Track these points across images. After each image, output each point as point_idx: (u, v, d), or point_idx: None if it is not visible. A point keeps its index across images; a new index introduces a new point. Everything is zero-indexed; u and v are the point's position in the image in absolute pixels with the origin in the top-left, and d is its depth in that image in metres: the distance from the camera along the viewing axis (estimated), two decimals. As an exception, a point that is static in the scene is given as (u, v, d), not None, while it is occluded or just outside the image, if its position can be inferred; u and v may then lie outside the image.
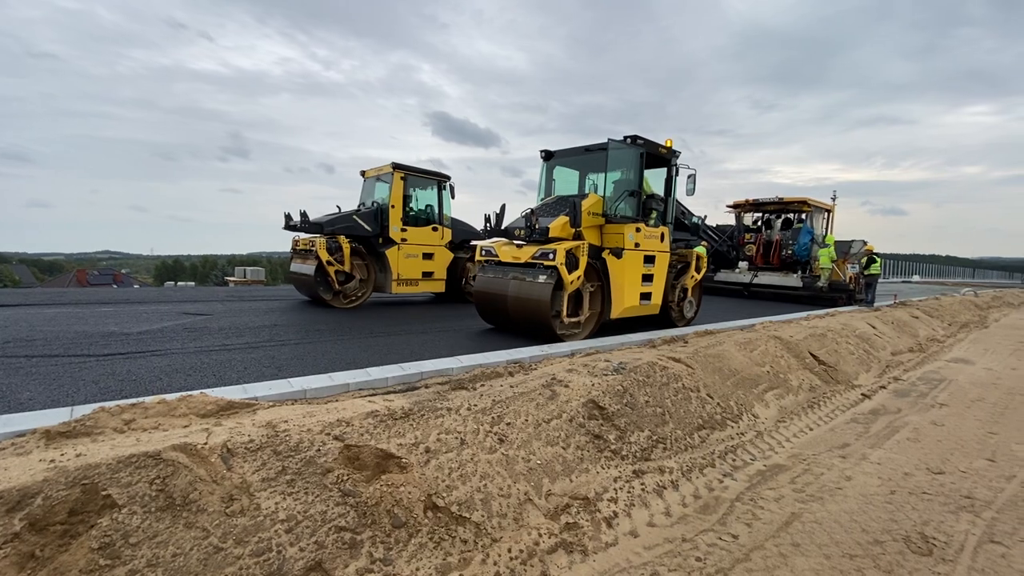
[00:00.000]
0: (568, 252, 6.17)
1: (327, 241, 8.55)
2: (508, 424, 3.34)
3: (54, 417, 2.89)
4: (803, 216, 15.97)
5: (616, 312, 7.00)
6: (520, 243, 6.84)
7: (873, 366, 7.93)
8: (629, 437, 3.79)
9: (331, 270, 8.60)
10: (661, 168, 7.78)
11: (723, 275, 16.02)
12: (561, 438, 3.48)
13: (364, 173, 10.41)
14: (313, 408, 3.08)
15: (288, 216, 8.93)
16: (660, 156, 7.45)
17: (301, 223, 8.72)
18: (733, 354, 5.88)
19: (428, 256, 9.96)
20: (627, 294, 7.03)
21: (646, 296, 7.42)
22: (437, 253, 10.09)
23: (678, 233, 8.41)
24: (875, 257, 14.20)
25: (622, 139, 7.09)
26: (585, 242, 6.49)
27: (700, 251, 8.58)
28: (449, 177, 10.26)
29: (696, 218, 9.92)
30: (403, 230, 9.51)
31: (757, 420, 4.96)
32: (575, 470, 3.32)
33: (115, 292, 10.91)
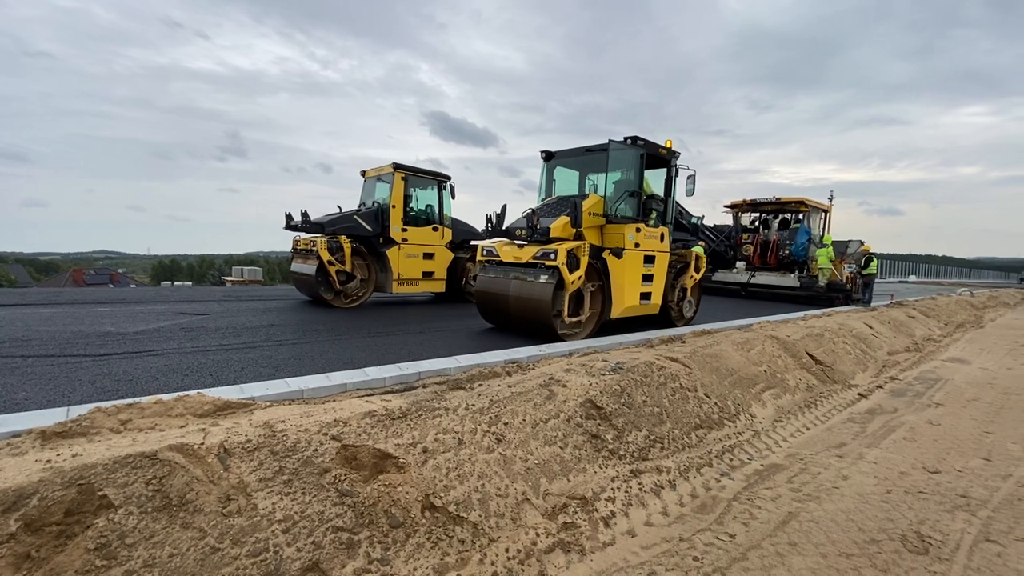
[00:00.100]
0: (569, 252, 6.19)
1: (328, 241, 8.55)
2: (506, 424, 3.34)
3: (50, 417, 2.88)
4: (800, 216, 16.02)
5: (616, 312, 7.02)
6: (521, 243, 6.86)
7: (870, 366, 7.96)
8: (627, 437, 3.80)
9: (332, 270, 8.61)
10: (661, 169, 7.81)
11: (721, 275, 16.06)
12: (559, 438, 3.49)
13: (364, 173, 10.40)
14: (310, 408, 3.08)
15: (289, 216, 8.93)
16: (660, 157, 7.48)
17: (302, 223, 8.72)
18: (730, 354, 5.89)
19: (428, 256, 9.97)
20: (627, 294, 7.05)
21: (646, 296, 7.45)
22: (437, 253, 10.11)
23: (677, 233, 8.43)
24: (872, 257, 14.24)
25: (622, 140, 7.11)
26: (586, 242, 6.51)
27: (698, 251, 8.61)
28: (449, 177, 10.27)
29: (695, 218, 9.94)
30: (404, 230, 9.51)
31: (754, 420, 4.97)
32: (573, 470, 3.33)
33: (111, 292, 10.87)
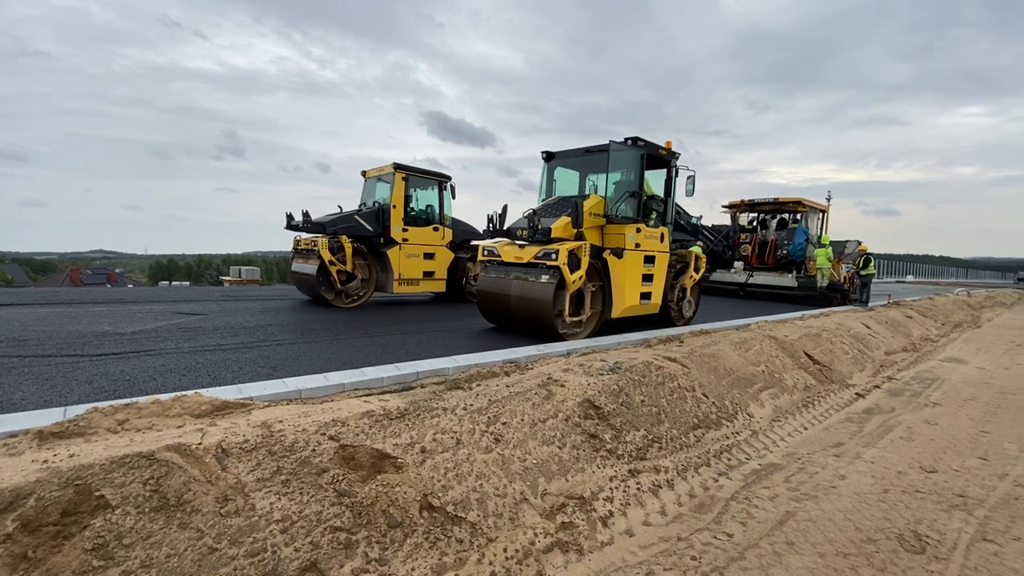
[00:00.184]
0: (570, 252, 6.22)
1: (329, 241, 8.55)
2: (504, 424, 3.34)
3: (47, 417, 2.87)
4: (798, 216, 16.06)
5: (617, 311, 7.05)
6: (522, 243, 6.89)
7: (867, 366, 7.98)
8: (625, 436, 3.80)
9: (333, 270, 8.61)
10: (661, 169, 7.84)
11: (719, 275, 16.08)
12: (557, 438, 3.49)
13: (365, 173, 10.41)
14: (308, 408, 3.07)
15: (290, 216, 8.94)
16: (660, 157, 7.51)
17: (303, 223, 8.73)
18: (728, 354, 5.90)
19: (429, 256, 9.98)
20: (628, 294, 7.08)
21: (646, 296, 7.48)
22: (438, 253, 10.12)
23: (675, 234, 8.46)
24: (870, 258, 14.29)
25: (623, 141, 7.14)
26: (587, 242, 6.53)
27: (696, 251, 8.63)
28: (450, 177, 10.29)
29: (694, 219, 9.96)
30: (404, 230, 9.52)
31: (752, 419, 4.98)
32: (571, 470, 3.33)
33: (109, 292, 10.84)
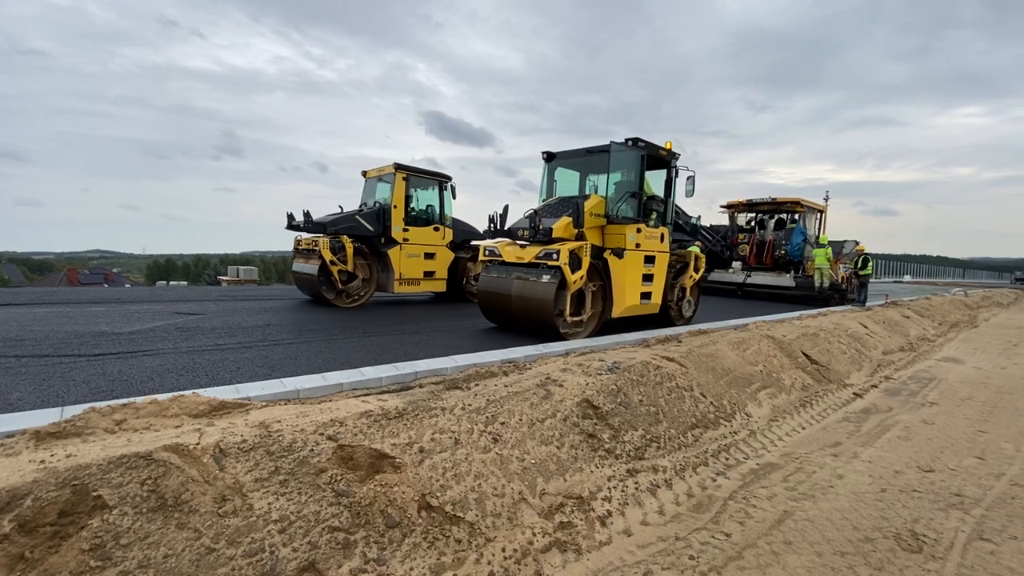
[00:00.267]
0: (571, 252, 6.24)
1: (330, 241, 8.56)
2: (502, 424, 3.34)
3: (44, 418, 2.86)
4: (796, 216, 16.09)
5: (617, 311, 7.08)
6: (524, 243, 6.92)
7: (865, 365, 8.00)
8: (623, 436, 3.80)
9: (334, 270, 8.62)
10: (661, 170, 7.87)
11: (717, 275, 16.11)
12: (555, 437, 3.49)
13: (366, 173, 10.42)
14: (306, 408, 3.07)
15: (291, 216, 8.95)
16: (660, 158, 7.55)
17: (304, 223, 8.74)
18: (726, 353, 5.91)
19: (430, 256, 10.00)
20: (628, 293, 7.11)
21: (646, 295, 7.51)
22: (438, 253, 10.14)
23: (675, 234, 8.50)
24: (868, 258, 14.34)
25: (624, 141, 7.17)
26: (588, 242, 6.56)
27: (695, 251, 8.66)
28: (450, 177, 10.31)
29: (693, 219, 9.99)
30: (405, 230, 9.54)
31: (750, 419, 4.99)
32: (569, 469, 3.33)
33: (106, 291, 10.81)
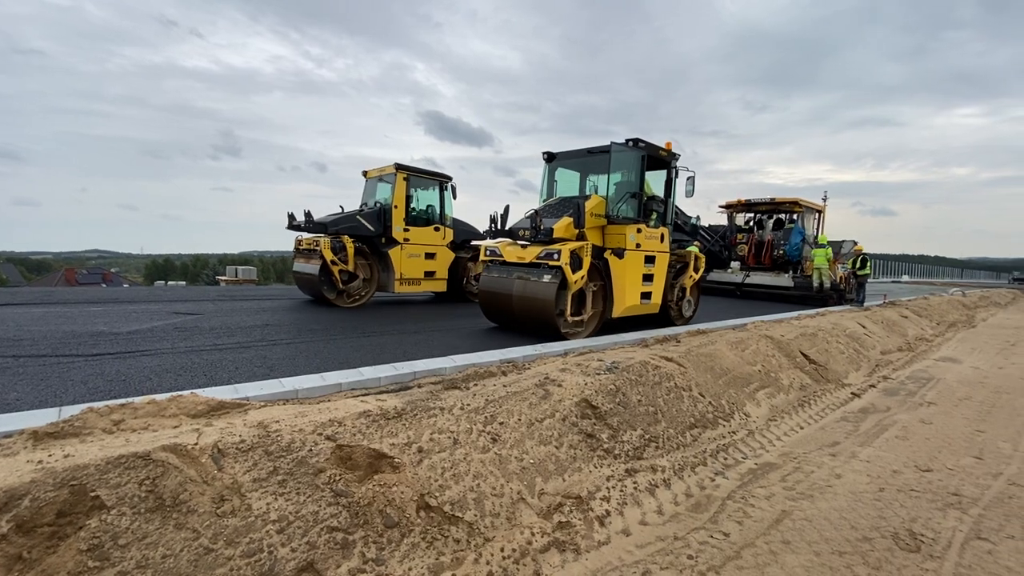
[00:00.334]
0: (572, 252, 6.26)
1: (331, 241, 8.56)
2: (501, 423, 3.34)
3: (42, 418, 2.86)
4: (794, 216, 16.12)
5: (618, 311, 7.10)
6: (524, 243, 6.94)
7: (863, 365, 8.01)
8: (621, 436, 3.81)
9: (335, 269, 8.62)
10: (661, 170, 7.90)
11: (715, 275, 16.13)
12: (554, 437, 3.49)
13: (366, 173, 10.43)
14: (305, 408, 3.07)
15: (291, 216, 8.96)
16: (660, 158, 7.58)
17: (305, 223, 8.75)
18: (725, 353, 5.92)
19: (430, 256, 10.01)
20: (628, 293, 7.14)
21: (646, 295, 7.54)
22: (439, 253, 10.15)
23: (674, 234, 8.53)
24: (866, 258, 14.37)
25: (624, 142, 7.19)
26: (589, 243, 6.58)
27: (694, 251, 8.69)
28: (451, 178, 10.33)
29: (692, 219, 10.02)
30: (406, 230, 9.55)
31: (748, 419, 5.00)
32: (568, 469, 3.33)
33: (104, 291, 10.79)
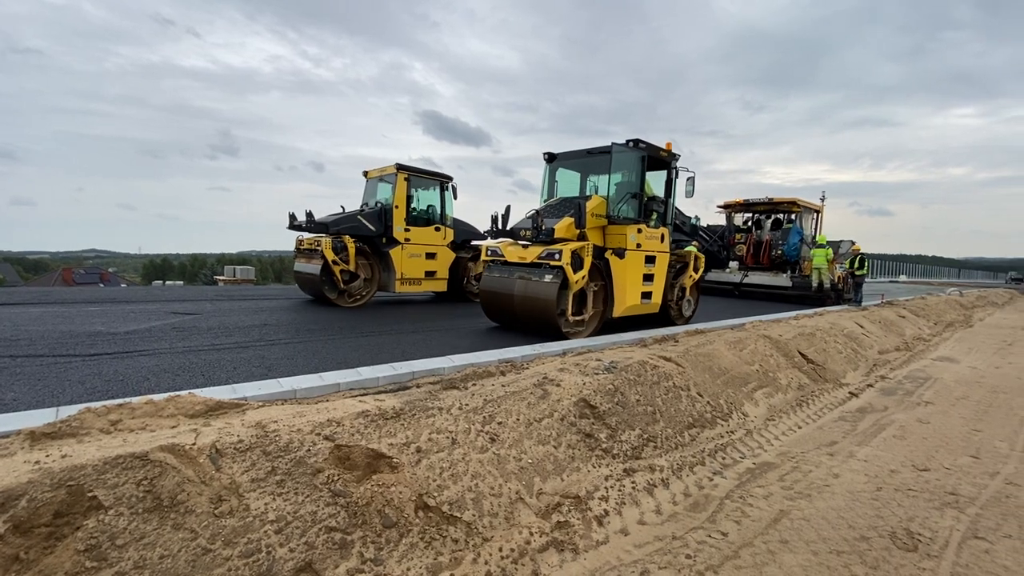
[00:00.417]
0: (573, 252, 6.29)
1: (332, 241, 8.57)
2: (499, 423, 3.34)
3: (39, 418, 2.85)
4: (793, 216, 16.15)
5: (618, 311, 7.13)
6: (526, 243, 6.96)
7: (860, 365, 8.03)
8: (620, 436, 3.81)
9: (336, 269, 8.63)
10: (661, 171, 7.93)
11: (714, 275, 16.16)
12: (552, 437, 3.49)
13: (367, 173, 10.44)
14: (303, 408, 3.07)
15: (292, 216, 8.99)
16: (660, 159, 7.61)
17: (307, 223, 8.77)
18: (723, 353, 5.93)
19: (431, 256, 10.03)
20: (629, 293, 7.17)
21: (647, 295, 7.57)
22: (440, 253, 10.16)
23: (674, 234, 8.56)
24: (864, 257, 14.41)
25: (625, 143, 7.22)
26: (590, 243, 6.61)
27: (693, 251, 8.73)
28: (451, 178, 10.34)
29: (692, 219, 10.06)
30: (406, 230, 9.56)
31: (747, 418, 5.00)
32: (566, 469, 3.33)
33: (102, 291, 10.76)
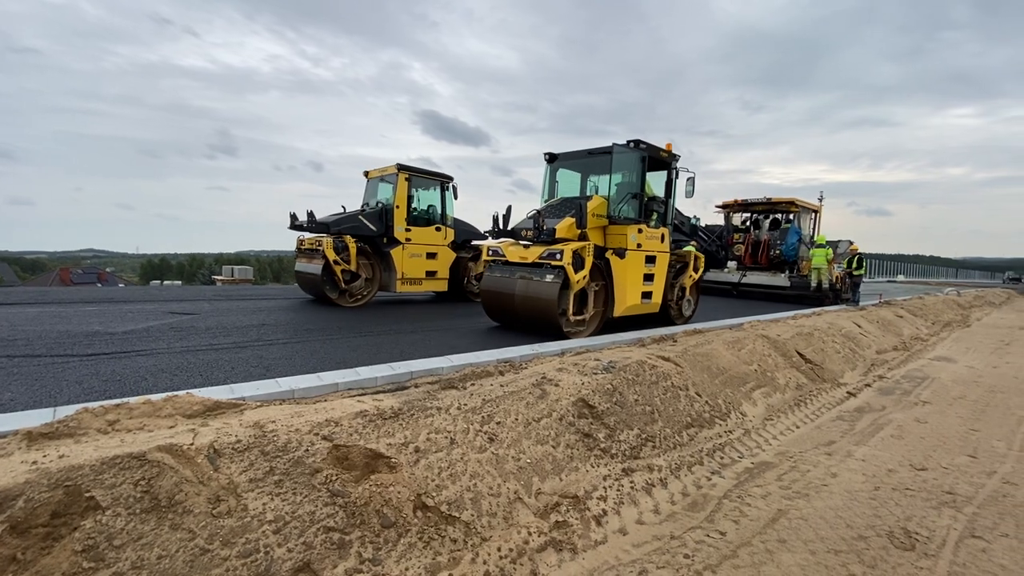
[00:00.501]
0: (575, 252, 6.31)
1: (334, 241, 8.57)
2: (498, 423, 3.34)
3: (36, 418, 2.84)
4: (791, 216, 16.18)
5: (619, 310, 7.15)
6: (527, 243, 6.98)
7: (858, 364, 8.05)
8: (618, 435, 3.81)
9: (338, 269, 8.64)
10: (661, 171, 7.96)
11: (712, 275, 16.18)
12: (551, 437, 3.49)
13: (368, 174, 10.44)
14: (301, 408, 3.06)
15: (294, 216, 9.00)
16: (661, 159, 7.64)
17: (308, 223, 8.77)
18: (721, 353, 5.93)
19: (431, 256, 10.04)
20: (629, 293, 7.20)
21: (647, 295, 7.60)
22: (440, 253, 10.18)
23: (673, 234, 8.58)
24: (862, 257, 14.45)
25: (625, 143, 7.25)
26: (591, 243, 6.63)
27: (693, 250, 8.76)
28: (452, 178, 10.35)
29: (692, 220, 10.10)
30: (407, 230, 9.57)
31: (745, 418, 5.01)
32: (565, 469, 3.34)
33: (99, 291, 10.74)
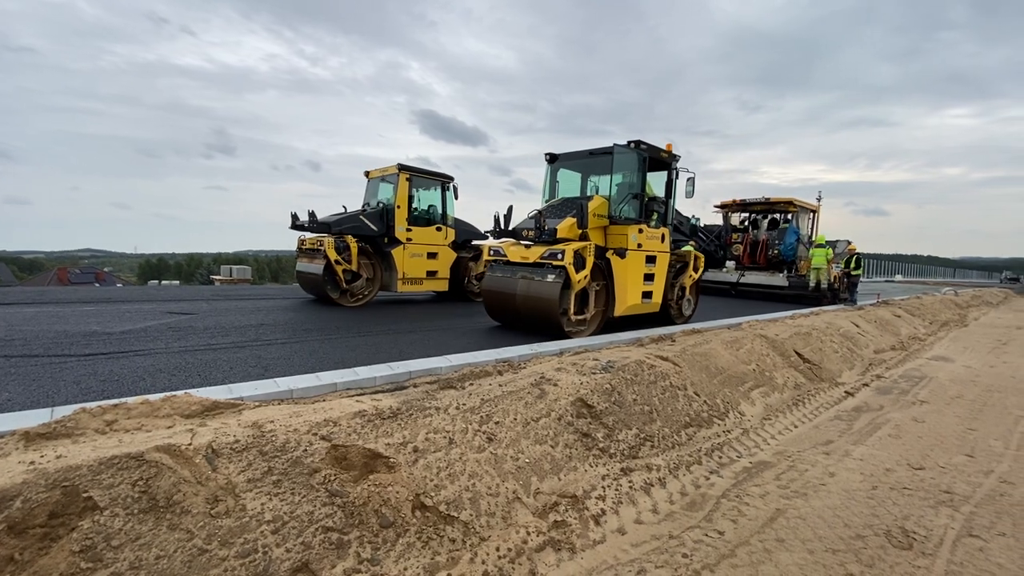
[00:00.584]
0: (576, 252, 6.33)
1: (335, 241, 8.57)
2: (497, 423, 3.34)
3: (34, 418, 2.84)
4: (789, 216, 16.20)
5: (620, 310, 7.18)
6: (528, 243, 7.00)
7: (856, 364, 8.06)
8: (617, 435, 3.82)
9: (339, 269, 8.65)
10: (662, 171, 7.99)
11: (711, 274, 16.19)
12: (549, 436, 3.49)
13: (368, 174, 10.45)
14: (300, 408, 3.06)
15: (295, 216, 9.02)
16: (661, 160, 7.68)
17: (309, 223, 8.78)
18: (720, 352, 5.94)
19: (432, 256, 10.05)
20: (630, 293, 7.23)
21: (647, 295, 7.63)
22: (441, 253, 10.19)
23: (673, 235, 8.60)
24: (860, 257, 14.49)
25: (626, 144, 7.28)
26: (591, 243, 6.66)
27: (692, 250, 8.79)
28: (452, 178, 10.37)
29: (692, 220, 10.13)
30: (408, 230, 9.59)
31: (743, 418, 5.02)
32: (563, 468, 3.34)
33: (97, 291, 10.71)
